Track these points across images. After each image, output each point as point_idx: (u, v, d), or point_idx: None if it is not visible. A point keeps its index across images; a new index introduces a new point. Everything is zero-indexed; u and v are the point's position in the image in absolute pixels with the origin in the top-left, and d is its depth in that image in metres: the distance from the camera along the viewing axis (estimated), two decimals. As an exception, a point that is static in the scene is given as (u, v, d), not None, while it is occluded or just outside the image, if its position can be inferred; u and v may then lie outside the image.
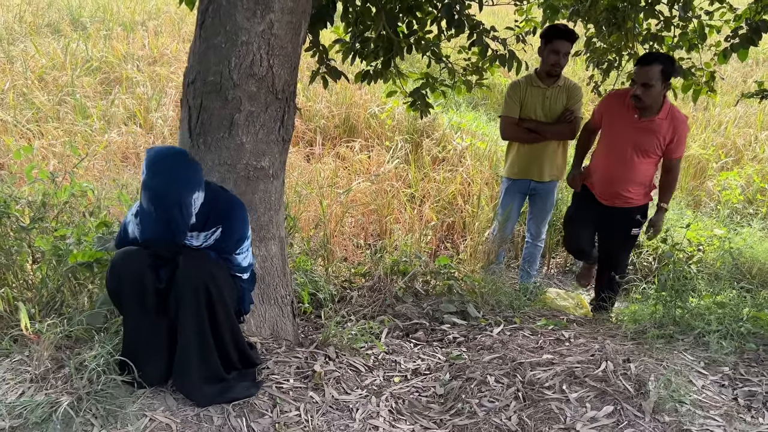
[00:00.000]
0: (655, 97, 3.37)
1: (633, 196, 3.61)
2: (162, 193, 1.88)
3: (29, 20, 9.90)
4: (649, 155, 3.51)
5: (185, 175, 1.92)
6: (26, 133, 5.50)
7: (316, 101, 6.46)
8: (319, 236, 4.15)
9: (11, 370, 2.20)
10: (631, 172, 3.55)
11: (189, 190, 1.93)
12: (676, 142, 3.48)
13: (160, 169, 1.87)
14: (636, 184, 3.58)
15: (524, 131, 3.99)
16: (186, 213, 1.94)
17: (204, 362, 2.17)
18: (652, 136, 3.47)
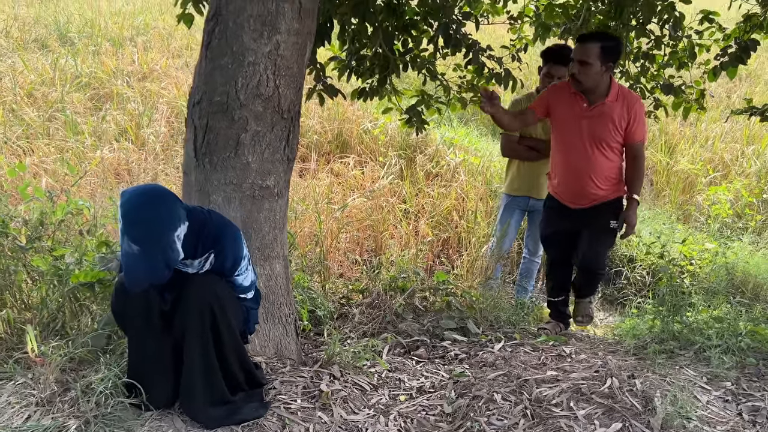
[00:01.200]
0: (593, 77, 3.12)
1: (602, 191, 3.30)
2: (142, 242, 1.84)
3: (16, 35, 9.84)
4: (609, 145, 3.21)
5: (162, 219, 1.86)
6: (16, 150, 5.45)
7: (308, 117, 6.48)
8: (315, 252, 4.15)
9: (15, 393, 2.17)
10: (594, 167, 3.25)
11: (169, 230, 1.87)
12: (634, 123, 3.19)
13: (137, 218, 1.83)
14: (602, 178, 3.27)
15: (524, 149, 4.01)
16: (170, 253, 1.90)
17: (209, 385, 2.15)
18: (606, 121, 3.19)
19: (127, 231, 1.81)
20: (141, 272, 1.85)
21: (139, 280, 1.88)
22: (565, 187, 3.38)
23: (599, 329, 4.06)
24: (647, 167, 6.47)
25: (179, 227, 1.90)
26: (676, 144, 7.00)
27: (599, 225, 3.35)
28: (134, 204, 1.84)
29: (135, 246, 1.81)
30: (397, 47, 4.14)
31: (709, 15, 3.98)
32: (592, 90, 3.17)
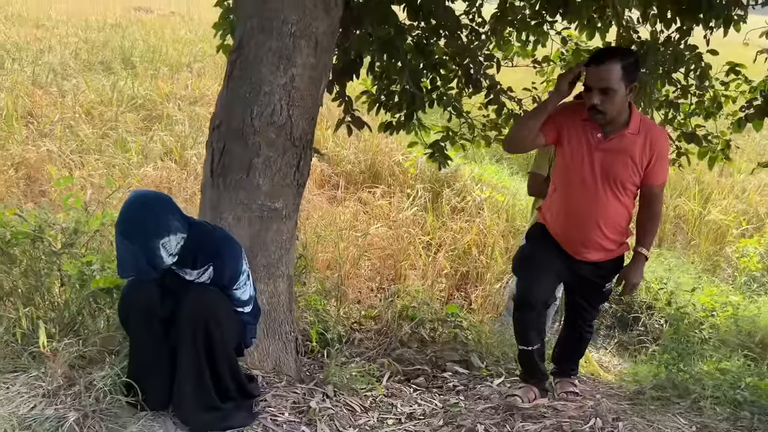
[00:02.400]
0: (618, 106, 2.53)
1: (609, 243, 2.70)
2: (126, 237, 2.03)
3: (84, 57, 10.53)
4: (624, 186, 2.61)
5: (148, 223, 2.03)
6: (69, 163, 5.83)
7: (344, 147, 6.71)
8: (333, 277, 4.28)
9: (26, 384, 2.35)
10: (605, 212, 2.64)
11: (153, 236, 2.04)
12: (657, 162, 2.60)
13: (128, 216, 2.03)
14: (612, 226, 2.67)
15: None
16: (153, 257, 2.06)
17: (199, 392, 2.28)
18: (624, 159, 2.59)
19: (117, 224, 2.00)
20: (127, 264, 2.03)
21: (125, 270, 2.05)
22: (564, 233, 2.77)
23: (610, 374, 4.03)
24: (677, 215, 6.38)
25: (166, 237, 2.06)
26: (710, 194, 6.88)
27: (593, 287, 2.86)
28: (130, 202, 2.03)
29: (123, 239, 1.99)
30: (425, 84, 4.30)
31: (735, 67, 4.00)
32: (614, 120, 2.59)
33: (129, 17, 17.44)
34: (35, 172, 5.57)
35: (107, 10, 18.36)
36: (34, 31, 13.04)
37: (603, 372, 3.96)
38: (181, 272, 2.28)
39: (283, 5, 2.52)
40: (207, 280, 2.30)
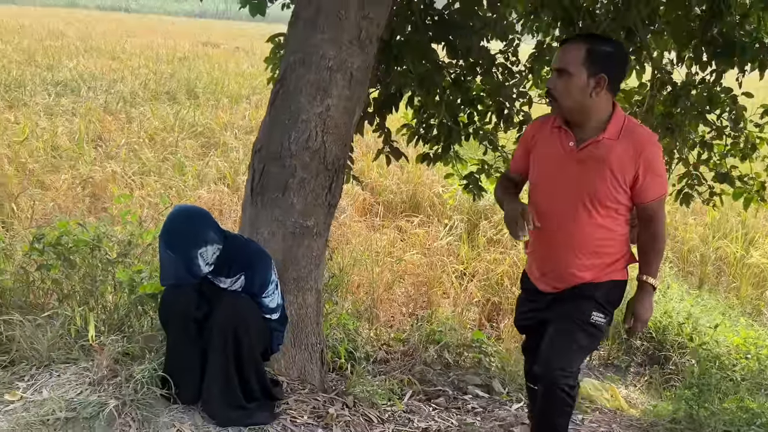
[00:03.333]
0: (575, 94, 2.17)
1: (589, 273, 2.29)
2: (168, 247, 2.27)
3: (152, 87, 11.25)
4: (603, 204, 2.22)
5: (189, 235, 2.28)
6: (130, 183, 6.27)
7: (387, 178, 6.95)
8: (367, 300, 4.46)
9: (76, 373, 2.61)
10: (579, 235, 2.26)
11: (192, 246, 2.28)
12: (646, 175, 2.18)
13: (171, 227, 2.29)
14: (589, 253, 2.27)
15: None
16: (191, 265, 2.30)
17: (225, 391, 2.48)
18: (601, 170, 2.20)
19: (161, 234, 2.25)
20: (168, 271, 2.27)
21: (167, 277, 2.30)
22: (537, 261, 2.44)
23: (634, 410, 4.02)
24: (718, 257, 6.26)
25: (204, 247, 2.30)
26: (754, 236, 6.74)
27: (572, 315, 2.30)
28: (173, 215, 2.28)
29: (165, 249, 2.23)
30: (462, 119, 4.50)
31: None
32: (580, 120, 2.23)
33: (197, 51, 18.50)
34: (100, 190, 6.02)
35: (177, 44, 19.55)
36: (109, 62, 14.03)
37: (628, 407, 3.96)
38: (216, 280, 2.51)
39: (322, 42, 2.77)
40: (239, 288, 2.52)
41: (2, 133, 7.28)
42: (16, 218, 5.11)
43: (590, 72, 2.14)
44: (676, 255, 6.39)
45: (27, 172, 6.19)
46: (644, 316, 2.37)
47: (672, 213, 7.01)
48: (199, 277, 2.41)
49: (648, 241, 2.30)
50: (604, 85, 2.16)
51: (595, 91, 2.16)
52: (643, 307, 2.36)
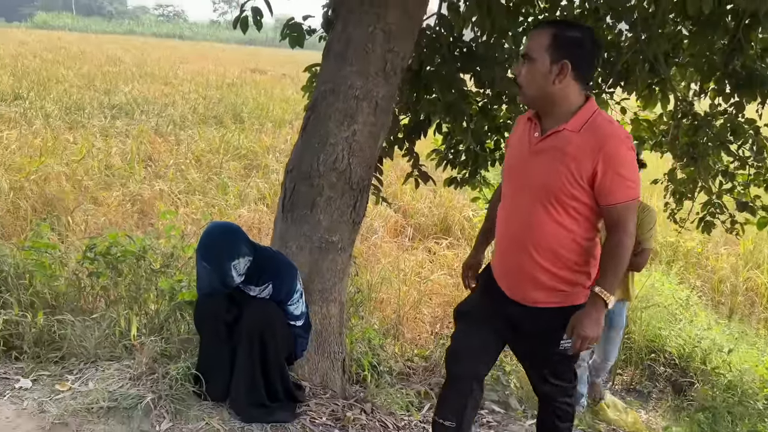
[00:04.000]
0: (538, 80, 2.06)
1: (550, 279, 2.14)
2: (204, 260, 2.52)
3: (201, 112, 11.79)
4: (561, 202, 2.06)
5: (223, 248, 2.53)
6: (176, 201, 6.64)
7: (419, 201, 7.16)
8: (393, 317, 4.63)
9: (118, 369, 2.87)
10: (538, 235, 2.11)
11: (227, 259, 2.52)
12: (607, 173, 1.99)
13: (207, 242, 2.54)
14: (549, 254, 2.12)
15: None
16: (225, 276, 2.53)
17: (251, 390, 2.70)
18: (556, 163, 2.05)
19: (198, 248, 2.50)
20: (204, 282, 2.51)
21: (203, 287, 2.54)
22: (500, 264, 2.30)
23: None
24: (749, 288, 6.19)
25: (237, 260, 2.54)
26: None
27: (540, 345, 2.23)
28: (208, 231, 2.53)
29: (201, 261, 2.48)
30: (489, 144, 4.69)
31: (792, 140, 4.09)
32: (545, 109, 2.13)
33: (244, 77, 19.22)
34: (148, 207, 6.41)
35: (226, 70, 20.35)
36: (162, 87, 14.74)
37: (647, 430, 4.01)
38: (246, 288, 2.75)
39: (350, 74, 3.03)
40: (267, 296, 2.75)
41: (62, 152, 7.81)
42: (71, 231, 5.50)
43: (553, 58, 2.04)
44: (706, 284, 6.37)
45: (82, 189, 6.63)
46: (586, 332, 2.05)
47: (704, 242, 6.99)
48: (231, 287, 2.65)
49: (609, 249, 2.06)
50: (568, 72, 2.04)
51: (558, 78, 2.05)
52: (588, 323, 2.05)
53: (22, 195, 6.27)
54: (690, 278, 6.38)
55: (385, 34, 3.00)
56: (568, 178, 2.03)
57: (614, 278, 2.06)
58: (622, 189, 2.01)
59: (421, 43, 4.12)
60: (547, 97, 2.09)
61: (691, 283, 6.25)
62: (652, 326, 4.93)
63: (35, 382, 2.78)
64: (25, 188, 6.37)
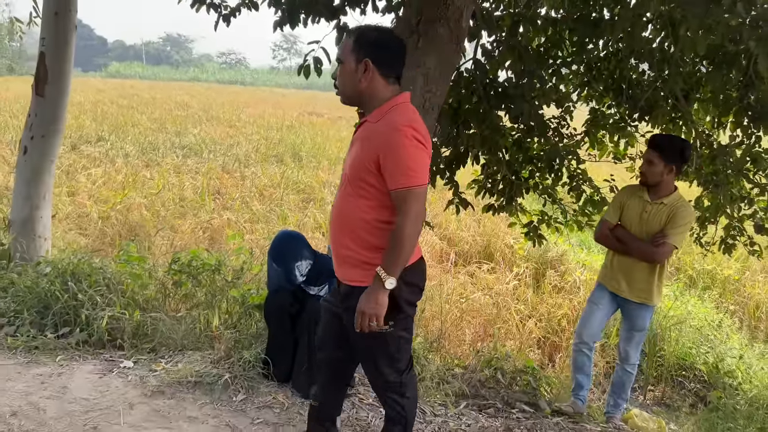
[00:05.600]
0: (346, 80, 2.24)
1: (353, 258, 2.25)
2: (274, 261, 3.11)
3: (263, 151, 12.68)
4: (358, 184, 2.21)
5: (288, 252, 3.12)
6: (242, 228, 7.35)
7: (463, 230, 7.64)
8: (436, 330, 5.09)
9: (201, 355, 3.46)
10: (344, 214, 2.27)
11: (292, 260, 3.10)
12: (385, 158, 2.11)
13: (276, 245, 3.16)
14: (354, 236, 2.24)
15: (613, 239, 3.83)
16: (289, 275, 3.09)
17: (309, 373, 3.22)
18: (358, 149, 2.23)
19: (269, 251, 3.08)
20: (273, 279, 3.09)
21: (272, 284, 3.11)
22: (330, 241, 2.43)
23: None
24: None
25: (300, 261, 3.11)
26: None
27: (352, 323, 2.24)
28: (278, 236, 3.12)
29: (272, 262, 3.06)
30: (524, 174, 5.17)
31: (807, 167, 4.41)
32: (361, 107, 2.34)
33: (302, 120, 20.29)
34: (217, 234, 7.13)
35: (286, 113, 21.53)
36: (227, 129, 15.85)
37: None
38: (307, 288, 3.31)
39: (395, 110, 3.60)
40: (324, 294, 3.30)
41: (141, 186, 8.71)
42: (151, 253, 6.24)
43: (357, 58, 2.20)
44: (741, 309, 6.54)
45: (160, 218, 7.43)
46: (361, 307, 2.15)
47: (741, 271, 7.17)
48: (295, 285, 3.22)
49: (392, 232, 2.15)
50: (370, 69, 2.19)
51: (364, 76, 2.20)
52: (365, 299, 2.15)
53: (109, 223, 7.11)
54: (726, 304, 6.57)
55: (424, 77, 3.58)
56: (365, 165, 2.16)
57: (394, 259, 2.12)
58: (398, 176, 2.10)
59: (460, 84, 4.69)
60: (358, 95, 2.25)
61: (724, 307, 6.44)
62: (682, 344, 5.20)
63: (135, 363, 3.40)
64: (111, 217, 7.22)
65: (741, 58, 4.28)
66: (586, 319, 4.01)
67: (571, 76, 5.09)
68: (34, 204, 4.78)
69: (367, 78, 2.20)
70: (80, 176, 8.95)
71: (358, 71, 2.20)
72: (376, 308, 2.12)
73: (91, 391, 3.06)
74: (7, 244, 4.64)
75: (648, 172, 3.72)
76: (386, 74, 2.22)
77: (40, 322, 3.70)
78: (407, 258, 2.15)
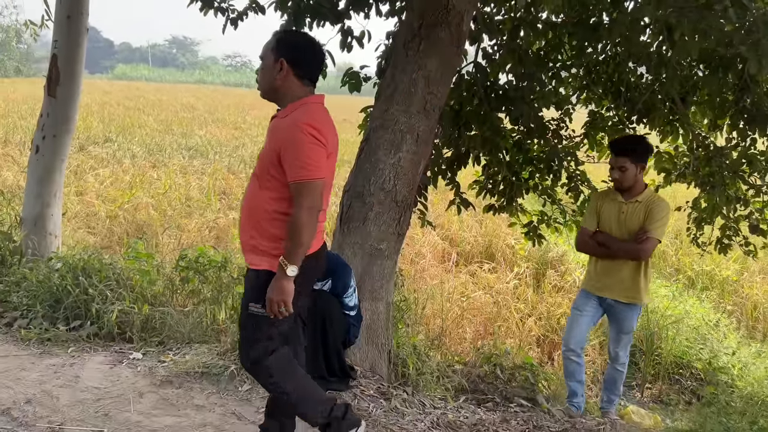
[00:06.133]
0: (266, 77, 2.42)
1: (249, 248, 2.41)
2: None
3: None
4: (262, 174, 2.37)
5: None
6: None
7: (466, 231, 7.73)
8: (437, 328, 5.20)
9: (208, 348, 3.58)
10: (248, 205, 2.43)
11: None
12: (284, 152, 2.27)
13: None
14: (254, 223, 2.39)
15: (594, 244, 3.91)
16: None
17: (313, 364, 3.31)
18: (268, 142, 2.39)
19: None
20: None
21: None
22: None
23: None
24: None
25: None
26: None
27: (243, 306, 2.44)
28: None
29: None
30: (524, 175, 5.28)
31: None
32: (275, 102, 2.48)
33: (307, 122, 20.37)
34: (223, 233, 7.25)
35: (291, 115, 21.61)
36: (232, 131, 15.99)
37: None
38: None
39: (397, 112, 3.71)
40: (327, 289, 3.41)
41: (148, 186, 8.84)
42: (159, 251, 6.36)
43: (275, 57, 2.37)
44: (739, 309, 6.62)
45: (167, 217, 7.56)
46: (269, 294, 2.30)
47: (740, 272, 7.25)
48: None
49: (289, 222, 2.29)
50: (285, 68, 2.36)
51: (279, 74, 2.36)
52: (272, 286, 2.30)
53: (117, 222, 7.24)
54: (724, 304, 6.65)
55: (425, 80, 3.68)
56: (270, 157, 2.32)
57: (292, 248, 2.27)
58: (298, 169, 2.25)
59: (461, 86, 4.80)
60: (273, 90, 2.42)
61: (722, 307, 6.52)
62: (679, 343, 5.29)
63: (144, 355, 3.51)
64: (119, 216, 7.35)
65: (737, 62, 4.38)
66: (571, 327, 4.10)
67: (571, 79, 5.20)
68: (45, 202, 4.91)
69: (282, 76, 2.36)
70: (88, 176, 9.09)
71: (274, 69, 2.36)
72: (282, 295, 2.28)
73: (102, 381, 3.17)
74: (19, 240, 4.77)
75: (622, 178, 3.84)
76: (300, 75, 2.38)
77: (52, 316, 3.82)
78: (306, 247, 2.29)
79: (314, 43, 2.44)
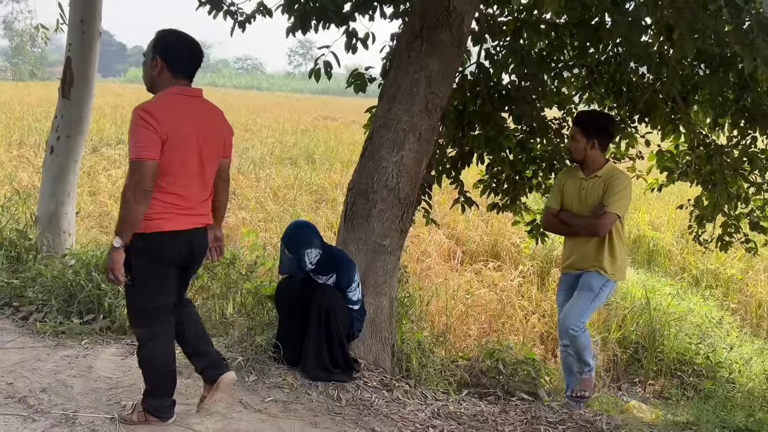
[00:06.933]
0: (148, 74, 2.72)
1: None
2: (284, 247, 3.31)
3: (277, 154, 12.95)
4: None
5: (299, 238, 3.33)
6: (256, 227, 7.59)
7: (471, 230, 7.82)
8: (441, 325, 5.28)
9: (218, 341, 3.67)
10: None
11: (301, 247, 3.30)
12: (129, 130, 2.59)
13: (288, 232, 3.38)
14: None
15: (558, 223, 3.98)
16: (300, 261, 3.30)
17: (317, 357, 3.43)
18: None
19: (282, 238, 3.30)
20: (284, 266, 3.31)
21: (283, 270, 3.33)
22: None
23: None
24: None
25: (309, 249, 3.32)
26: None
27: None
28: (290, 224, 3.35)
29: (284, 248, 3.28)
30: (527, 174, 5.35)
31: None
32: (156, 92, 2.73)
33: (317, 124, 20.56)
34: (232, 232, 7.38)
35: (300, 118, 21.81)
36: (243, 133, 16.12)
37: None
38: (316, 277, 3.52)
39: (399, 112, 3.80)
40: (331, 284, 3.51)
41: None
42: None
43: (152, 55, 2.66)
44: (742, 307, 6.65)
45: (178, 217, 7.70)
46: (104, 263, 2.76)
47: (744, 270, 7.28)
48: (305, 272, 3.43)
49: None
50: (159, 64, 2.64)
51: (155, 70, 2.66)
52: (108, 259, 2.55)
53: (129, 221, 7.38)
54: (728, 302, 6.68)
55: (427, 80, 3.78)
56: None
57: (119, 222, 2.54)
58: (131, 148, 2.52)
59: (465, 87, 4.89)
60: (151, 84, 2.71)
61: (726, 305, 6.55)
62: (681, 340, 5.34)
63: (155, 347, 3.62)
64: (131, 216, 7.49)
65: (737, 62, 4.44)
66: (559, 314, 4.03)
67: (573, 79, 5.27)
68: (60, 201, 5.05)
69: (157, 72, 2.65)
70: (101, 177, 9.27)
71: (152, 65, 2.66)
72: (110, 263, 2.53)
73: (114, 371, 3.29)
74: (35, 238, 4.91)
75: (572, 148, 3.93)
76: (173, 70, 2.65)
77: (66, 310, 3.95)
78: (131, 222, 2.49)
79: (188, 42, 2.71)
